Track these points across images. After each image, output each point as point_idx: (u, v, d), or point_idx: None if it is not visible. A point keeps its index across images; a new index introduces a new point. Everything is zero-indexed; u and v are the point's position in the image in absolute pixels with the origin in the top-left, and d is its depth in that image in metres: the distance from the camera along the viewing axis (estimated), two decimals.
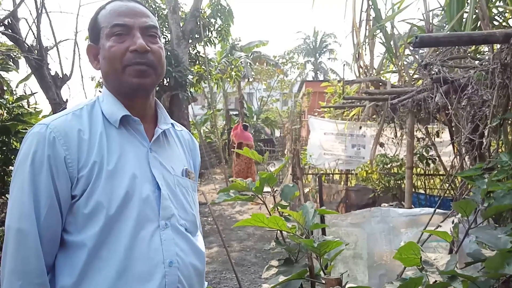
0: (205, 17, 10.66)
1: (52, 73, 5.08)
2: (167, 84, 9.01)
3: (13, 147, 4.07)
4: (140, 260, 0.98)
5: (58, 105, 4.93)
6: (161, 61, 1.09)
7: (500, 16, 3.10)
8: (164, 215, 1.04)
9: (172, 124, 1.21)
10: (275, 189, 1.67)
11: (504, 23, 3.02)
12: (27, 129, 3.68)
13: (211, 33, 11.02)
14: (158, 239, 1.01)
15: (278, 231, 1.51)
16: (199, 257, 1.11)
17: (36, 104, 4.69)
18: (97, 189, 0.97)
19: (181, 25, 9.99)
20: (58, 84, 5.13)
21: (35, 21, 4.80)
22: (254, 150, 1.75)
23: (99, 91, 9.66)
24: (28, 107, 4.50)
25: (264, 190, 1.61)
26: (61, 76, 5.20)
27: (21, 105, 4.36)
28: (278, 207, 1.59)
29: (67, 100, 5.22)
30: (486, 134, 1.89)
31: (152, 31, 1.09)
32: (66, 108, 4.77)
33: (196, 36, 10.45)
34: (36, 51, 4.77)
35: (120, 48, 1.03)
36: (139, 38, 1.04)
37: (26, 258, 0.92)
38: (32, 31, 4.82)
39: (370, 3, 4.03)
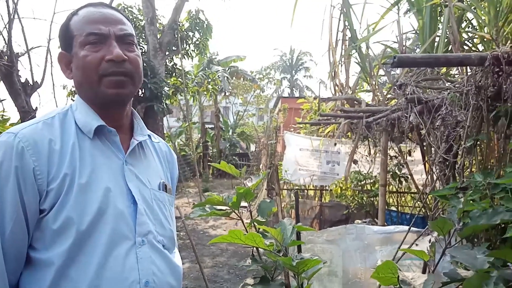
0: (183, 30, 10.65)
1: (22, 80, 4.92)
2: (142, 96, 8.89)
3: None
4: (113, 280, 0.92)
5: (27, 113, 4.76)
6: (138, 70, 1.05)
7: (470, 41, 3.23)
8: (140, 232, 0.98)
9: (149, 135, 1.17)
10: (251, 204, 1.64)
11: (473, 48, 3.15)
12: None
13: (189, 46, 11.01)
14: (134, 257, 0.95)
15: (254, 248, 1.48)
16: (176, 276, 1.06)
17: (4, 111, 4.50)
18: (67, 203, 0.91)
19: (158, 37, 9.93)
20: (28, 92, 4.96)
21: (7, 26, 4.66)
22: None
23: (72, 99, 9.42)
24: None
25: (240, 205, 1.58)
26: (31, 83, 5.04)
27: None
28: (255, 223, 1.55)
29: (36, 108, 5.06)
30: (460, 154, 1.94)
31: (129, 39, 1.04)
32: (35, 116, 4.61)
33: (174, 48, 10.41)
34: (6, 57, 4.61)
35: (95, 58, 0.99)
36: (116, 47, 1.00)
37: None
38: (2, 36, 4.67)
39: (347, 23, 4.13)
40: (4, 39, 4.68)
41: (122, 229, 0.96)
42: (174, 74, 11.07)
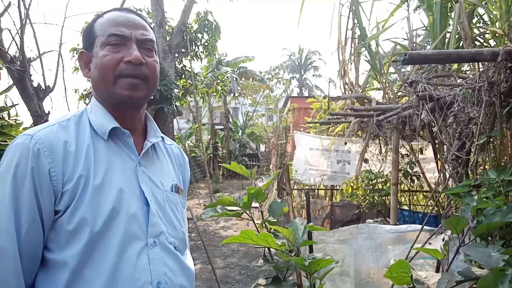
0: (192, 32, 10.70)
1: (35, 84, 4.99)
2: (152, 98, 8.94)
3: None
4: (126, 281, 0.92)
5: (39, 117, 4.82)
6: (154, 75, 1.07)
7: (481, 36, 3.18)
8: (152, 233, 0.99)
9: (162, 137, 1.18)
10: (262, 205, 1.64)
11: (485, 43, 3.11)
12: (7, 141, 3.57)
13: (198, 48, 11.05)
14: (146, 258, 0.96)
15: (266, 248, 1.48)
16: (188, 277, 1.06)
17: (17, 116, 4.56)
18: (82, 204, 0.92)
19: (167, 39, 10.00)
20: (41, 96, 5.03)
21: (19, 31, 4.73)
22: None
23: (85, 103, 9.53)
24: (9, 118, 4.38)
25: (251, 206, 1.58)
26: (43, 87, 5.11)
27: (1, 116, 4.25)
28: (266, 223, 1.55)
29: (49, 112, 5.13)
30: (473, 151, 1.91)
31: (149, 45, 1.07)
32: (48, 120, 4.67)
33: (183, 50, 10.47)
34: (18, 62, 4.69)
35: (114, 58, 1.01)
36: (135, 49, 1.02)
37: (4, 278, 0.86)
38: (15, 41, 4.74)
39: (355, 21, 4.10)
40: (17, 44, 4.75)
41: (134, 230, 0.96)
42: (183, 76, 11.14)
